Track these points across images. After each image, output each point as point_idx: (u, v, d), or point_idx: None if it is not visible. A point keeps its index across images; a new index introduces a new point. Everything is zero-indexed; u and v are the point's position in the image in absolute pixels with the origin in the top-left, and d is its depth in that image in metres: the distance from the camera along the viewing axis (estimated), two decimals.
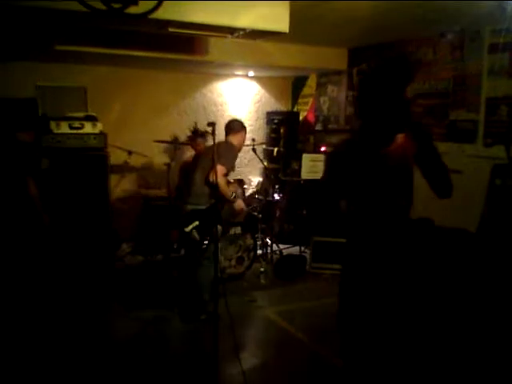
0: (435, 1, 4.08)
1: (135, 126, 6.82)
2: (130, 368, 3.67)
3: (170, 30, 3.98)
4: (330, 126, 7.23)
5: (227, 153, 4.43)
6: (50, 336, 4.09)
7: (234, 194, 4.57)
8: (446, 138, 5.29)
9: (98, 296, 4.94)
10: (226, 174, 4.48)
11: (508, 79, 4.69)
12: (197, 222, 4.21)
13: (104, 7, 2.13)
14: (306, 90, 7.88)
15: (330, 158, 2.78)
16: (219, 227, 4.35)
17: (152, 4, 2.37)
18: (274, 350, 4.08)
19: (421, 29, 5.31)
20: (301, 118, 7.78)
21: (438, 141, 5.35)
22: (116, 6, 2.19)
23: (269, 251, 6.12)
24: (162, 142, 6.32)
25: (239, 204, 4.70)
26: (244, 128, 4.79)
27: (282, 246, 6.37)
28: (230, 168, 4.51)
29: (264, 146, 7.45)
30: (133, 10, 2.34)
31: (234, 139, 4.66)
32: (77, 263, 5.27)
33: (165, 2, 2.56)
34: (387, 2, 4.19)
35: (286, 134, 6.44)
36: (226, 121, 4.70)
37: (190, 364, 3.74)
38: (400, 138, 2.33)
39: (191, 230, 4.20)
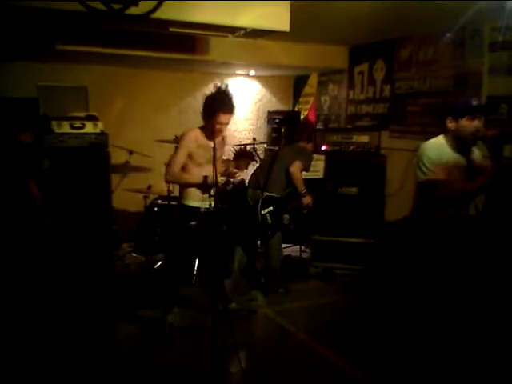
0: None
1: (136, 126, 6.83)
2: (129, 367, 3.68)
3: (171, 29, 3.99)
4: (330, 125, 7.24)
5: (306, 155, 5.24)
6: (48, 335, 4.10)
7: (304, 190, 5.08)
8: None
9: (96, 295, 4.94)
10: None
11: (508, 77, 4.69)
12: (271, 208, 4.98)
13: (104, 8, 2.14)
14: (307, 89, 7.88)
15: None
16: (287, 216, 5.10)
17: (152, 4, 2.37)
18: (274, 349, 4.09)
19: (421, 27, 5.31)
20: (302, 117, 7.79)
21: None
22: (116, 6, 2.19)
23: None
24: (163, 141, 6.32)
25: (306, 199, 5.15)
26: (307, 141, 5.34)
27: (282, 245, 6.36)
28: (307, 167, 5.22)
29: (265, 146, 7.45)
30: (133, 10, 2.35)
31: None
32: (77, 262, 5.28)
33: (165, 2, 2.56)
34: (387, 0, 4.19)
35: (287, 133, 6.44)
36: None
37: (189, 362, 3.74)
38: None
39: (266, 213, 4.97)
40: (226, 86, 3.89)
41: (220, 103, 3.75)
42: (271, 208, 5.01)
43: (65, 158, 5.37)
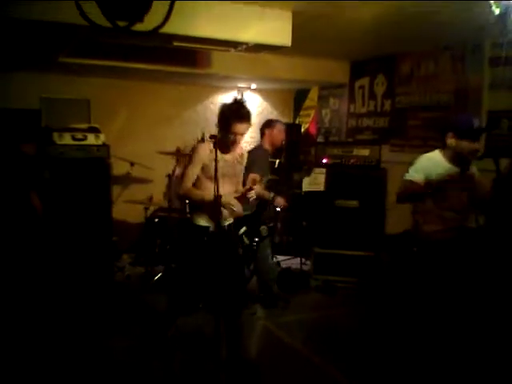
0: (437, 9, 4.10)
1: (138, 138, 6.85)
2: (128, 380, 3.66)
3: (175, 43, 4.04)
4: (331, 139, 7.26)
5: (258, 160, 4.84)
6: (45, 347, 4.06)
7: (271, 194, 4.94)
8: None
9: (96, 306, 4.92)
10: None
11: (509, 92, 4.71)
12: (244, 228, 4.63)
13: (109, 25, 2.16)
14: (308, 103, 7.92)
15: None
16: (265, 227, 4.86)
17: (157, 21, 2.39)
18: (274, 361, 4.06)
19: (422, 42, 5.35)
20: (302, 130, 7.82)
21: None
22: (121, 23, 2.21)
23: None
24: (165, 153, 6.35)
25: (279, 201, 5.08)
26: (273, 123, 5.25)
27: (282, 258, 6.38)
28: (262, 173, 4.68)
29: None
30: (138, 26, 2.37)
31: (265, 140, 5.23)
32: (76, 273, 5.28)
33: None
34: (389, 16, 4.23)
35: (287, 146, 6.46)
36: None
37: (190, 376, 3.73)
38: None
39: (241, 234, 4.63)
40: (243, 97, 3.76)
41: (235, 112, 3.57)
42: (245, 228, 4.66)
43: (66, 170, 5.38)
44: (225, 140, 3.61)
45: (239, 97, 3.73)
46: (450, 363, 3.46)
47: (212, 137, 3.51)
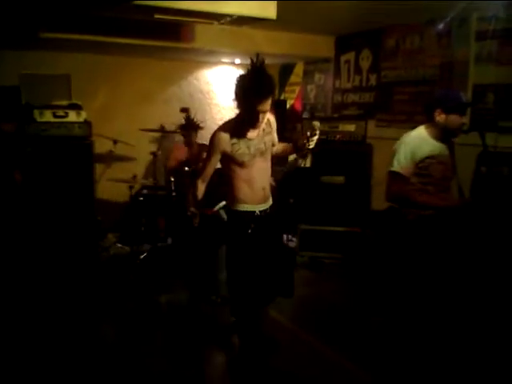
0: None
1: (120, 115, 6.74)
2: (116, 360, 3.65)
3: (156, 16, 3.93)
4: (317, 114, 7.21)
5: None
6: (30, 329, 4.04)
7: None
8: None
9: (81, 287, 4.88)
10: None
11: (495, 66, 4.69)
12: (224, 202, 4.00)
13: None
14: (293, 78, 7.83)
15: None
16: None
17: None
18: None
19: (408, 16, 5.29)
20: (288, 106, 7.75)
21: None
22: None
23: None
24: (148, 130, 6.26)
25: None
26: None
27: None
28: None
29: None
30: None
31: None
32: (60, 253, 5.22)
33: None
34: None
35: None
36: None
37: (179, 356, 3.73)
38: None
39: (218, 209, 4.17)
40: (262, 62, 3.05)
41: (257, 88, 2.94)
42: (224, 202, 4.07)
43: (47, 148, 5.29)
44: (247, 118, 3.09)
45: (257, 63, 3.05)
46: (438, 338, 3.49)
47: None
